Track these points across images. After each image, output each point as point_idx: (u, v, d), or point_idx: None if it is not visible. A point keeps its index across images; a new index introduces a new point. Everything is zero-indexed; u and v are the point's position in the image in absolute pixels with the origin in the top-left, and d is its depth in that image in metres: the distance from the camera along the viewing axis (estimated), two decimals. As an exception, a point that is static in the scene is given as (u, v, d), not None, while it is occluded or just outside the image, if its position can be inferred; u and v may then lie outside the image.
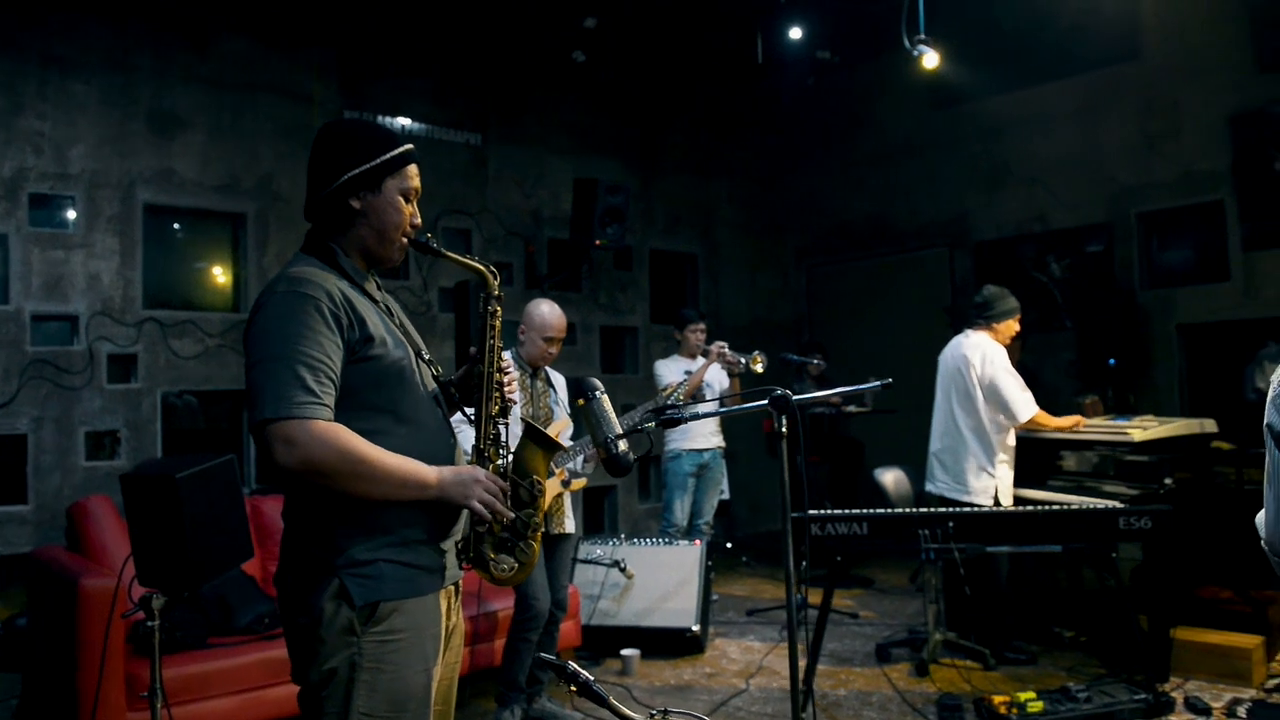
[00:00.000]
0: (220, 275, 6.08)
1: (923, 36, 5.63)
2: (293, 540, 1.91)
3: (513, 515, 1.96)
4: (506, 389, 2.08)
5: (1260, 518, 1.78)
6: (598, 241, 6.78)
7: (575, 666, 1.61)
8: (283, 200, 6.07)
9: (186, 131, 5.72)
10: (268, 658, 3.57)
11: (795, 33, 6.77)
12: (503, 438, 2.04)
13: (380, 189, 1.95)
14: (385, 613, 1.83)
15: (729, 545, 7.45)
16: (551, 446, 2.12)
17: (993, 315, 4.80)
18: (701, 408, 4.78)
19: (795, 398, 2.11)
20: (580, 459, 3.91)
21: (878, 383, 2.25)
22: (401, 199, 1.98)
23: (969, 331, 4.90)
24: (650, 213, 8.20)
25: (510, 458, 2.05)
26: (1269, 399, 1.70)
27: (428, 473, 1.87)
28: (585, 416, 2.17)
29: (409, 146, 2.00)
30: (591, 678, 1.55)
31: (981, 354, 4.73)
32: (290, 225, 6.05)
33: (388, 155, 1.95)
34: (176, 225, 5.93)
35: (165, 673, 2.80)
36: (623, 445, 2.14)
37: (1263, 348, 6.40)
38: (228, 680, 3.51)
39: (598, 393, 2.17)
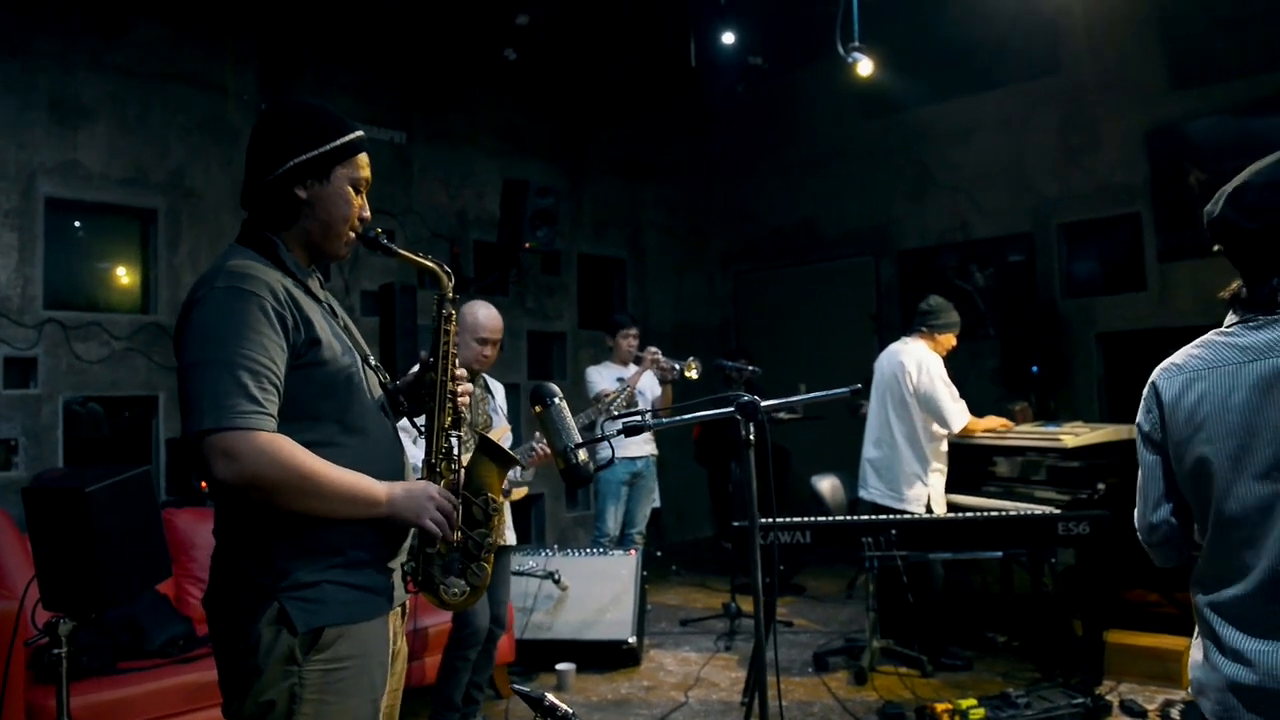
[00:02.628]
0: (128, 274, 5.74)
1: (857, 44, 5.63)
2: (226, 560, 1.75)
3: (459, 536, 1.84)
4: (460, 400, 1.96)
5: (1136, 512, 1.87)
6: (527, 244, 6.62)
7: (554, 700, 1.49)
8: (196, 196, 5.77)
9: (92, 122, 5.38)
10: (185, 682, 3.35)
11: (728, 38, 6.73)
12: (455, 451, 1.92)
13: (329, 178, 1.80)
14: (330, 639, 1.68)
15: (659, 554, 7.36)
16: (506, 461, 2.00)
17: (936, 325, 4.83)
18: (660, 416, 4.68)
19: (764, 403, 2.02)
20: (519, 467, 3.76)
21: (846, 389, 2.19)
22: (351, 190, 1.84)
23: (907, 339, 4.92)
24: (578, 216, 8.08)
25: (462, 473, 1.93)
26: (1140, 402, 1.78)
27: (378, 489, 1.74)
28: (542, 424, 2.05)
29: (361, 133, 1.85)
30: (573, 713, 1.43)
31: (918, 362, 4.76)
32: (204, 223, 5.76)
33: (338, 141, 1.80)
34: (77, 223, 5.57)
35: (71, 701, 2.57)
36: (582, 455, 2.03)
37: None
38: (141, 707, 3.26)
39: (556, 399, 2.05)
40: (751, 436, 2.03)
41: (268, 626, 1.65)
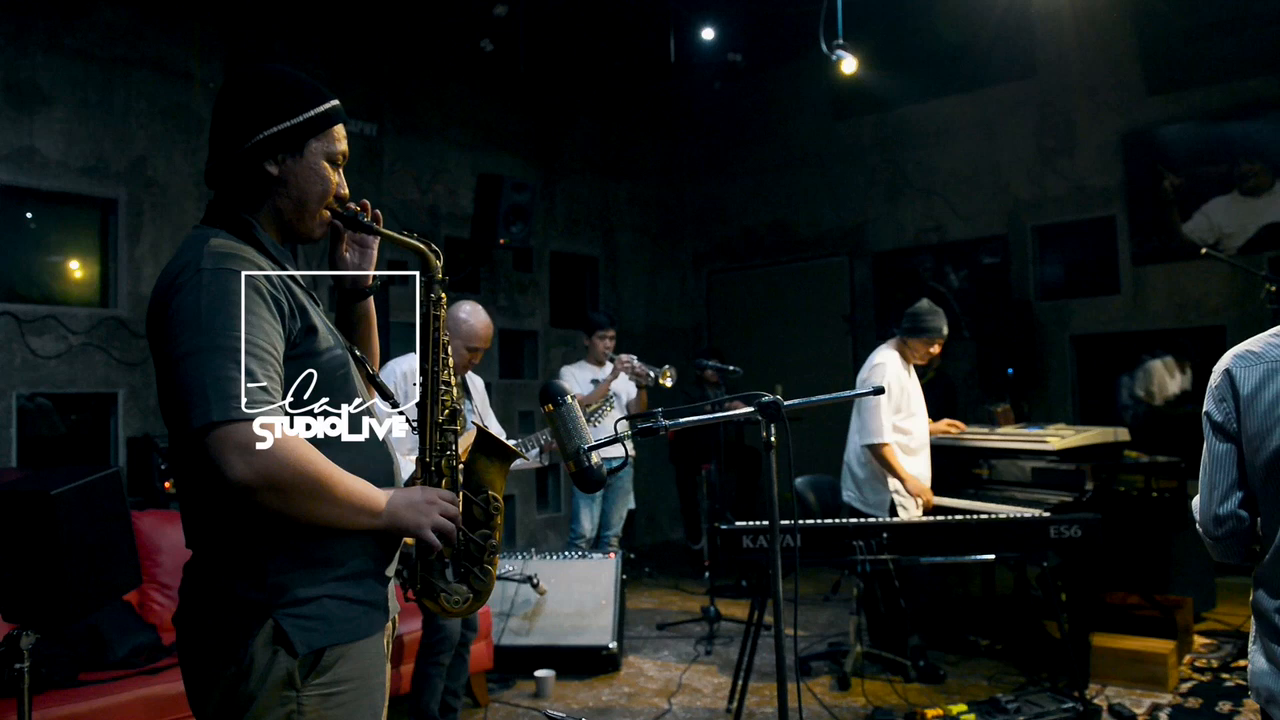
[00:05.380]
0: (87, 266, 5.52)
1: (840, 41, 5.57)
2: (206, 573, 1.55)
3: (461, 538, 1.72)
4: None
5: (1195, 502, 1.83)
6: (501, 240, 6.50)
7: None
8: (158, 186, 5.56)
9: (50, 107, 5.16)
10: (151, 694, 3.17)
11: (708, 33, 6.65)
12: (452, 447, 1.79)
13: (302, 152, 1.64)
14: (330, 660, 1.53)
15: (632, 556, 7.26)
16: (508, 456, 1.87)
17: (906, 329, 4.63)
18: (678, 416, 4.56)
19: (787, 403, 1.93)
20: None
21: (870, 390, 2.10)
22: (327, 165, 1.67)
23: (884, 345, 4.83)
24: (551, 213, 7.96)
25: (462, 470, 1.81)
26: (1208, 390, 1.76)
27: (378, 497, 1.59)
28: (553, 424, 1.93)
29: (336, 103, 1.69)
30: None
31: (872, 366, 4.62)
32: (166, 213, 5.56)
33: (313, 112, 1.64)
34: (29, 214, 5.33)
35: (32, 715, 2.41)
36: (595, 457, 1.91)
37: (1139, 360, 6.65)
38: (105, 722, 3.10)
39: (567, 397, 1.93)
40: (773, 438, 1.93)
41: (262, 648, 1.49)
